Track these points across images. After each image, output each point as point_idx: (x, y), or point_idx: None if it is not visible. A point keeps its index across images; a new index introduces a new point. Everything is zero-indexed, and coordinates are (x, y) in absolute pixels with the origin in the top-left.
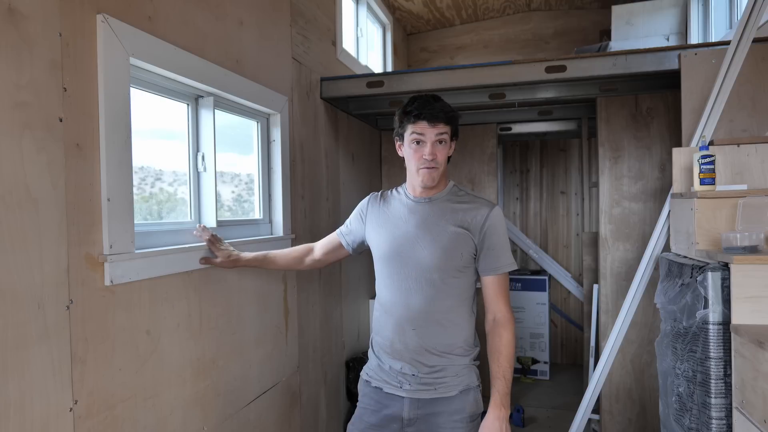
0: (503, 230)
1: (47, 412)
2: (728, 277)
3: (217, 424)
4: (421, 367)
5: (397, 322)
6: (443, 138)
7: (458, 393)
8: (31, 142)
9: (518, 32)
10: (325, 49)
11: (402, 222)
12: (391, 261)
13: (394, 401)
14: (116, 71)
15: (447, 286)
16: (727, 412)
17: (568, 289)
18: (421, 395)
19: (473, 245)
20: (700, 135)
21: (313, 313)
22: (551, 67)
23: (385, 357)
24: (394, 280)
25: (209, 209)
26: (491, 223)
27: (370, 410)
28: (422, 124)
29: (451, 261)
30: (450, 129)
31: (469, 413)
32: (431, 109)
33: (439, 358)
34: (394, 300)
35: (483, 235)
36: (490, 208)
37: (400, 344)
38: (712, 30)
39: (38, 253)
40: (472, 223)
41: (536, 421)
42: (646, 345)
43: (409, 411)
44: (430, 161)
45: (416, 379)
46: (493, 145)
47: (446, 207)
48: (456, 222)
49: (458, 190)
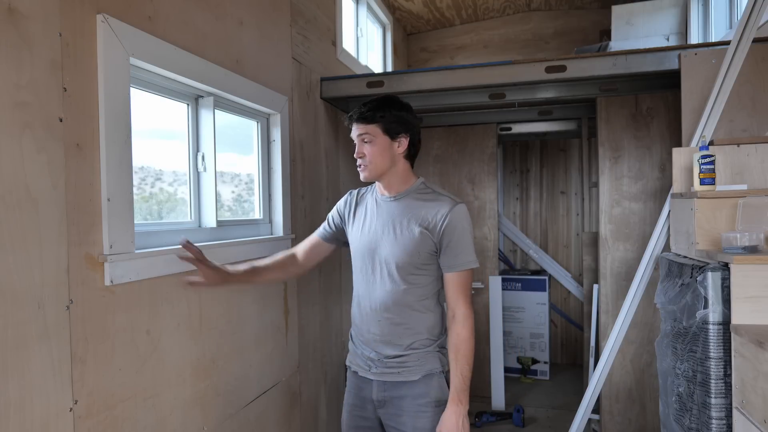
0: (464, 228)
1: (47, 412)
2: (728, 277)
3: (217, 424)
4: (386, 353)
5: (366, 312)
6: (365, 136)
7: (421, 377)
8: (31, 141)
9: (518, 32)
10: (325, 49)
11: (372, 219)
12: (361, 256)
13: (366, 384)
14: (116, 71)
15: (408, 281)
16: (727, 412)
17: (568, 289)
18: (386, 378)
19: (432, 243)
20: (700, 135)
21: (313, 313)
22: (551, 67)
23: (358, 343)
24: (363, 274)
25: (209, 209)
26: (450, 221)
27: (352, 393)
28: (352, 126)
29: (410, 258)
30: (373, 127)
31: (434, 398)
32: (356, 111)
33: (402, 348)
34: (363, 292)
35: (441, 233)
36: (450, 206)
37: (367, 333)
38: (712, 30)
39: (38, 253)
40: (432, 221)
41: (536, 421)
42: (646, 345)
43: (377, 393)
44: (359, 159)
45: (382, 363)
46: (493, 145)
47: (409, 205)
48: (417, 220)
49: (424, 188)
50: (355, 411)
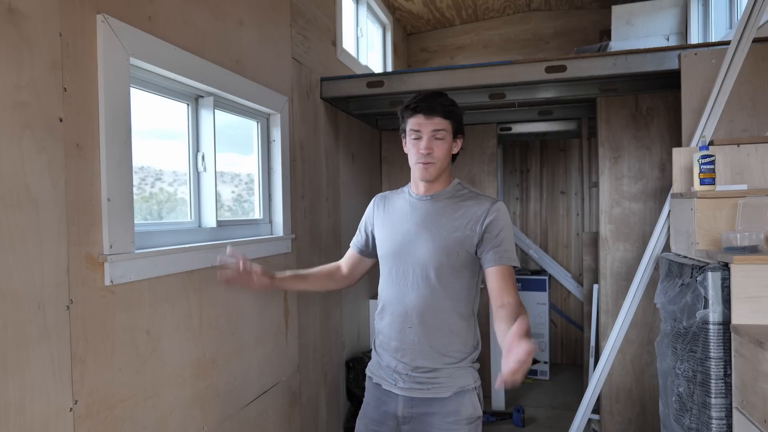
0: (507, 225)
1: (47, 412)
2: (728, 277)
3: (217, 424)
4: (416, 366)
5: (395, 320)
6: (440, 133)
7: (452, 394)
8: (31, 142)
9: (518, 32)
10: (325, 49)
11: (404, 220)
12: (391, 258)
13: (390, 398)
14: (116, 71)
15: (444, 285)
16: (727, 412)
17: (568, 289)
18: (414, 394)
19: (472, 242)
20: (700, 135)
21: (313, 313)
22: (551, 67)
23: (383, 354)
24: (393, 278)
25: (209, 209)
26: (493, 216)
27: (372, 405)
28: (419, 118)
29: (448, 259)
30: (449, 124)
31: (465, 416)
32: (429, 102)
33: (433, 359)
34: (391, 298)
35: (484, 228)
36: (491, 203)
37: (396, 342)
38: (712, 30)
39: (38, 253)
40: (473, 218)
41: (536, 421)
42: (646, 345)
43: (403, 409)
44: (425, 155)
45: (410, 378)
46: (493, 145)
47: (448, 204)
48: (456, 219)
49: (461, 188)
50: (373, 426)
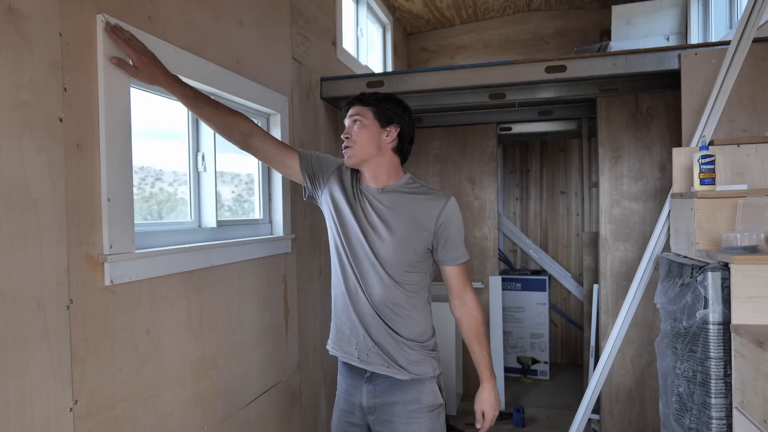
0: (459, 221)
1: (47, 412)
2: (728, 277)
3: (217, 424)
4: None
5: (352, 311)
6: (357, 117)
7: (411, 380)
8: (31, 142)
9: (518, 32)
10: (325, 49)
11: (356, 210)
12: (345, 248)
13: (356, 389)
14: (116, 71)
15: (399, 279)
16: (727, 412)
17: (568, 289)
18: (374, 368)
19: (428, 239)
20: (700, 135)
21: (313, 313)
22: (551, 67)
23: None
24: (347, 269)
25: (209, 209)
26: (447, 214)
27: (342, 398)
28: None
29: (404, 255)
30: (368, 110)
31: (426, 404)
32: (356, 97)
33: (391, 347)
34: (346, 289)
35: (439, 227)
36: (445, 200)
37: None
38: (712, 30)
39: (38, 253)
40: (427, 216)
41: (536, 421)
42: (646, 345)
43: (367, 399)
44: (345, 140)
45: (372, 350)
46: (493, 145)
47: (399, 199)
48: (409, 215)
49: (413, 182)
50: (344, 416)
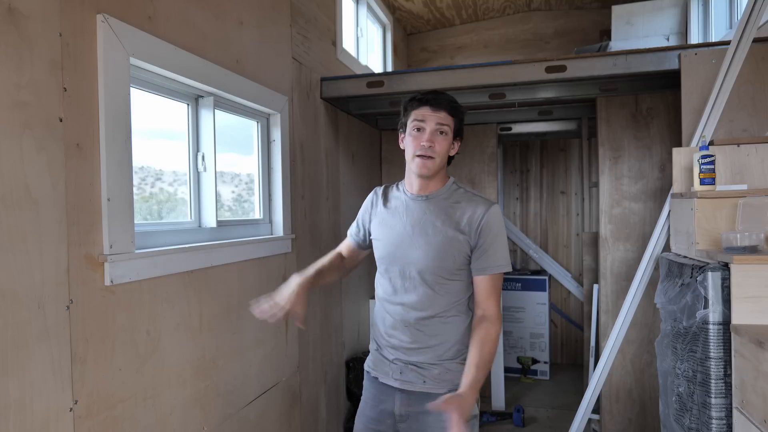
0: (499, 229)
1: (47, 412)
2: (728, 277)
3: (217, 424)
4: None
5: (391, 319)
6: (444, 128)
7: (447, 392)
8: (31, 142)
9: (518, 32)
10: (325, 49)
11: (398, 220)
12: (386, 259)
13: (387, 396)
14: (116, 71)
15: (439, 288)
16: (727, 412)
17: (568, 289)
18: (410, 387)
19: (468, 247)
20: (700, 135)
21: (313, 313)
22: (551, 67)
23: (383, 346)
24: (389, 278)
25: (209, 209)
26: (486, 222)
27: (369, 404)
28: (425, 109)
29: (443, 263)
30: (453, 122)
31: None
32: (437, 96)
33: (429, 357)
34: (388, 296)
35: (478, 235)
36: (486, 207)
37: (393, 339)
38: (712, 30)
39: (38, 253)
40: (468, 224)
41: (536, 421)
42: (646, 345)
43: (400, 407)
44: (427, 148)
45: (408, 369)
46: (493, 145)
47: (443, 206)
48: (451, 223)
49: (457, 188)
50: (371, 424)
